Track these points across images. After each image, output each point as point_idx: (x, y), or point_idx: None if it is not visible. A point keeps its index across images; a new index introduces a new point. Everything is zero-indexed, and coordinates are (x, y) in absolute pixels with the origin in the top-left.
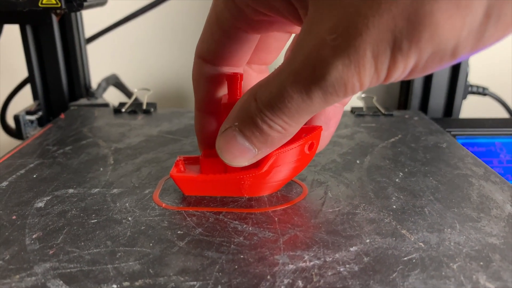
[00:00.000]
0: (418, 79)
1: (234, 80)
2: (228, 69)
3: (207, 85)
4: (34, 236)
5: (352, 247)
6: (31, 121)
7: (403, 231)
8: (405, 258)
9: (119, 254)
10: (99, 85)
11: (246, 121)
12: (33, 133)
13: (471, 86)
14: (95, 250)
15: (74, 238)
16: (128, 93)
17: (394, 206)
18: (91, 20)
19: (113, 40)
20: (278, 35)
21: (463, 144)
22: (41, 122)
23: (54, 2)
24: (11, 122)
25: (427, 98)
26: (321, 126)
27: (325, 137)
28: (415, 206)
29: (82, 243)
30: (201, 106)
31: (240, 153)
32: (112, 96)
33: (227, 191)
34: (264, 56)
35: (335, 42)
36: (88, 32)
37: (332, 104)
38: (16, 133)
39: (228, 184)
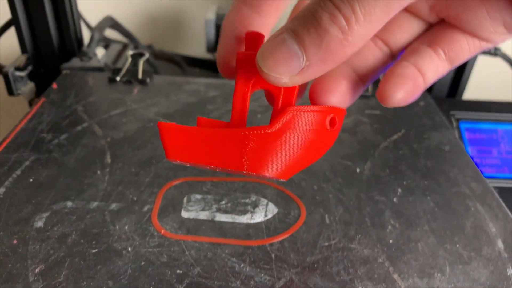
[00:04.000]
0: None
1: (251, 37)
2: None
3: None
4: (36, 271)
5: None
6: (21, 77)
7: (395, 276)
8: None
9: None
10: (92, 38)
11: (304, 18)
12: (24, 89)
13: None
14: None
15: (76, 274)
16: (126, 33)
17: (390, 241)
18: None
19: None
20: None
21: (466, 130)
22: (31, 77)
23: None
24: None
25: None
26: (344, 109)
27: (413, 85)
28: (409, 240)
29: (85, 283)
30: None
31: (284, 59)
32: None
33: (225, 157)
34: None
35: None
36: None
37: None
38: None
39: (227, 145)
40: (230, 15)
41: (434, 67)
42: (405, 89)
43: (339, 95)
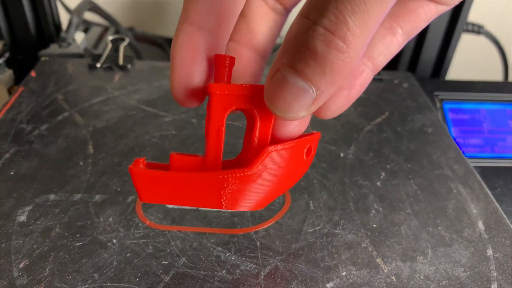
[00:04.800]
0: None
1: (221, 62)
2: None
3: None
4: (21, 266)
5: (328, 282)
6: None
7: (378, 260)
8: None
9: None
10: (70, 22)
11: (297, 50)
12: (2, 76)
13: (466, 23)
14: (83, 287)
15: (61, 268)
16: (106, 16)
17: (374, 225)
18: None
19: None
20: None
21: (449, 110)
22: (9, 64)
23: None
24: None
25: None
26: (319, 132)
27: (345, 98)
28: (393, 224)
29: (70, 276)
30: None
31: (295, 98)
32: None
33: (201, 199)
34: None
35: None
36: None
37: None
38: None
39: (205, 188)
40: (179, 38)
41: (385, 48)
42: (337, 104)
43: (297, 124)
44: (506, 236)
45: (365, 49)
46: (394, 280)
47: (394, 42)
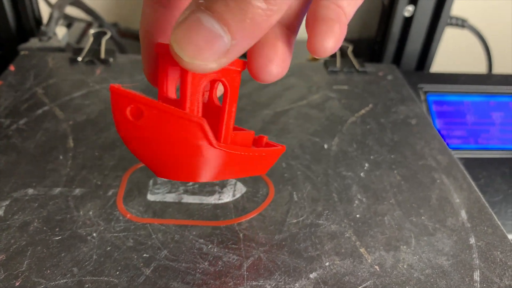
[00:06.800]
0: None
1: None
2: None
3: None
4: None
5: (312, 273)
6: None
7: (362, 250)
8: (360, 287)
9: (87, 286)
10: (51, 16)
11: None
12: None
13: (450, 17)
14: (62, 281)
15: (39, 263)
16: (88, 11)
17: (357, 215)
18: None
19: None
20: None
21: (433, 102)
22: None
23: None
24: None
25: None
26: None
27: (340, 31)
28: (376, 214)
29: (48, 271)
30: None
31: (207, 43)
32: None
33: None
34: None
35: None
36: None
37: None
38: None
39: None
40: (146, 20)
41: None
42: (334, 36)
43: (279, 61)
44: (488, 224)
45: (287, 7)
46: (378, 269)
47: None
